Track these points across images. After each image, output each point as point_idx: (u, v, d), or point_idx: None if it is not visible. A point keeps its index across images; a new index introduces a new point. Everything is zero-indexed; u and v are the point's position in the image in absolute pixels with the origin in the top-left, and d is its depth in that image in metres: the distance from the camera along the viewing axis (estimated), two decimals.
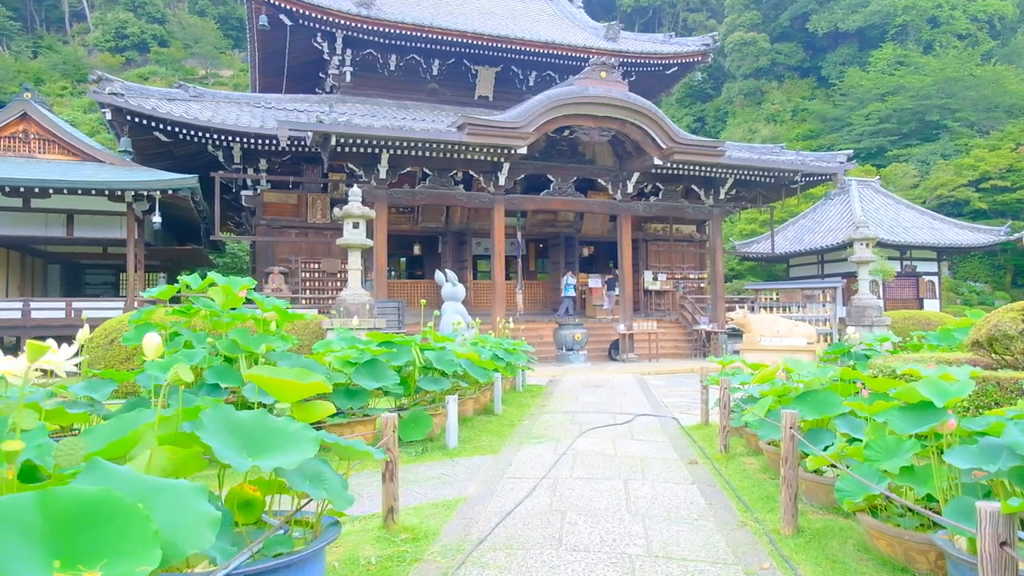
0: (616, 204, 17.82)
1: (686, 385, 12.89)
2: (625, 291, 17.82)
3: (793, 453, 3.99)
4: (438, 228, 20.44)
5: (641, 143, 16.15)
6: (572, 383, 12.78)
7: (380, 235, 15.65)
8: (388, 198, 15.69)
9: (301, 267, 18.85)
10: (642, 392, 11.46)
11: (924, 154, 38.18)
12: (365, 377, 5.99)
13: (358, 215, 11.41)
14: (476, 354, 7.24)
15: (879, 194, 28.15)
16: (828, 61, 49.86)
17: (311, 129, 13.39)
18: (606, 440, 6.95)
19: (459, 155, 15.28)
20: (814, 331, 13.93)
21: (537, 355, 17.23)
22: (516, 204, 16.92)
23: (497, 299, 16.51)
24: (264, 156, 17.96)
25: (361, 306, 11.39)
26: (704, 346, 18.59)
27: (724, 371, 7.73)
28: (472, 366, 7.21)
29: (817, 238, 26.62)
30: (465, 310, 11.84)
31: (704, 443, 6.80)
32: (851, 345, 9.46)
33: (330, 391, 3.14)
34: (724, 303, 18.83)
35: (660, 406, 9.80)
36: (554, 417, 8.53)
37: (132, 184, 13.67)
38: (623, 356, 17.23)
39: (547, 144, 17.03)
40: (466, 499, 4.80)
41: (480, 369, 7.34)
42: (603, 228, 21.87)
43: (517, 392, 10.75)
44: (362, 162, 15.46)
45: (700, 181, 18.40)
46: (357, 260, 11.67)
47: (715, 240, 18.82)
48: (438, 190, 16.10)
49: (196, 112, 15.82)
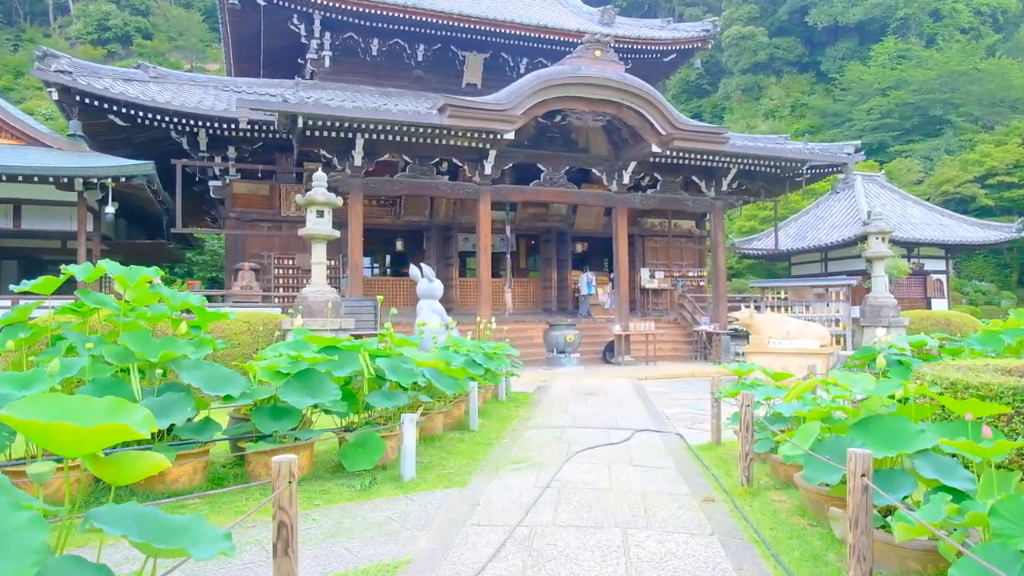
0: (611, 196, 16.62)
1: (688, 392, 11.70)
2: (621, 289, 16.63)
3: (866, 512, 2.78)
4: (422, 222, 19.19)
5: (639, 129, 14.95)
6: (562, 390, 11.57)
7: (355, 227, 14.43)
8: (364, 187, 14.45)
9: (274, 263, 17.59)
10: (640, 401, 10.25)
11: (927, 150, 37.14)
12: (297, 392, 4.76)
13: (322, 202, 10.17)
14: (443, 361, 6.01)
15: (885, 189, 27.03)
16: (828, 56, 48.80)
17: (275, 109, 12.14)
18: (599, 466, 5.74)
19: (441, 141, 14.06)
20: (827, 332, 12.76)
21: (526, 358, 16.02)
22: (504, 195, 15.71)
23: (482, 298, 15.29)
24: (232, 143, 16.69)
25: (325, 304, 10.16)
26: (705, 348, 17.41)
27: (740, 381, 6.52)
28: (439, 376, 5.99)
29: (821, 235, 25.46)
30: (443, 309, 10.61)
31: (718, 469, 5.60)
32: (879, 350, 8.25)
33: (143, 436, 1.94)
34: (726, 302, 17.66)
35: (661, 418, 8.59)
36: (539, 433, 7.31)
37: (79, 170, 12.38)
38: (618, 359, 16.04)
39: (537, 131, 15.84)
40: (411, 561, 3.58)
41: (449, 379, 6.11)
42: (597, 223, 20.68)
43: (499, 402, 9.53)
44: (335, 148, 14.22)
45: (701, 172, 17.21)
46: (321, 253, 10.43)
47: (717, 235, 17.64)
48: (419, 179, 14.87)
49: (154, 94, 14.54)
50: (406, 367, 5.39)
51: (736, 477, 5.26)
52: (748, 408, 4.98)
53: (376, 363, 5.26)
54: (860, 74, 42.23)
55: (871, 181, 27.08)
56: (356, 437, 5.07)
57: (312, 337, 5.38)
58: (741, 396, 4.98)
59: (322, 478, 5.10)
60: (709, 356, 17.17)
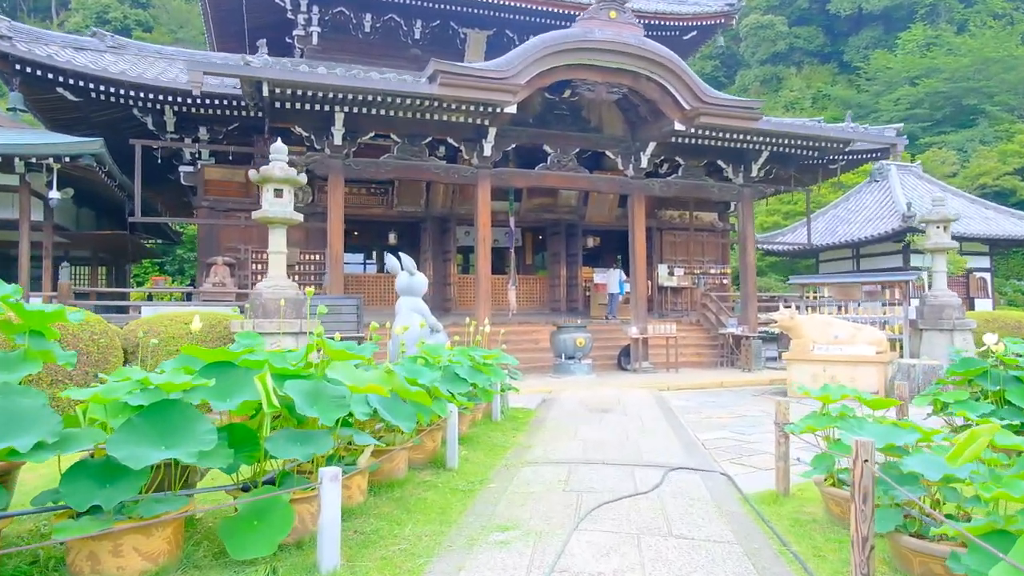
0: (627, 182, 14.74)
1: (719, 406, 9.83)
2: (638, 287, 14.77)
3: None
4: (417, 213, 17.40)
5: (659, 103, 13.08)
6: (571, 404, 9.73)
7: (336, 215, 12.68)
8: (346, 170, 12.68)
9: (251, 257, 15.86)
10: (665, 420, 8.40)
11: (960, 141, 34.99)
12: (144, 437, 2.96)
13: (280, 179, 8.39)
14: (397, 383, 4.18)
15: (922, 180, 24.99)
16: (851, 45, 46.60)
17: (233, 74, 10.39)
18: (624, 537, 3.90)
19: (433, 116, 12.27)
20: (883, 336, 10.85)
21: (531, 364, 14.20)
22: (506, 180, 13.88)
23: (480, 296, 13.48)
24: (204, 123, 14.97)
25: (289, 301, 8.38)
26: (732, 353, 15.50)
27: (823, 411, 4.65)
28: (392, 404, 4.17)
29: (853, 229, 23.47)
30: (427, 308, 8.80)
31: (803, 545, 3.75)
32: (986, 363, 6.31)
33: None
34: (756, 302, 15.74)
35: (696, 447, 6.74)
36: (538, 473, 5.48)
37: (10, 148, 10.67)
38: (635, 365, 14.18)
39: (543, 107, 14.00)
40: None
41: (407, 408, 4.29)
42: (611, 214, 18.79)
43: (492, 424, 7.70)
44: (312, 125, 12.46)
45: (728, 155, 15.31)
46: (280, 240, 8.65)
47: (746, 226, 15.72)
48: (408, 162, 13.07)
49: (108, 64, 12.83)
50: (333, 395, 3.57)
51: (830, 560, 3.42)
52: (867, 465, 3.11)
53: (285, 389, 3.45)
54: (887, 62, 40.07)
55: (907, 172, 25.06)
56: (249, 505, 3.26)
57: (192, 350, 3.57)
58: (857, 448, 3.10)
59: (199, 568, 3.29)
60: (737, 362, 15.27)
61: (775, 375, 13.81)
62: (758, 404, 10.21)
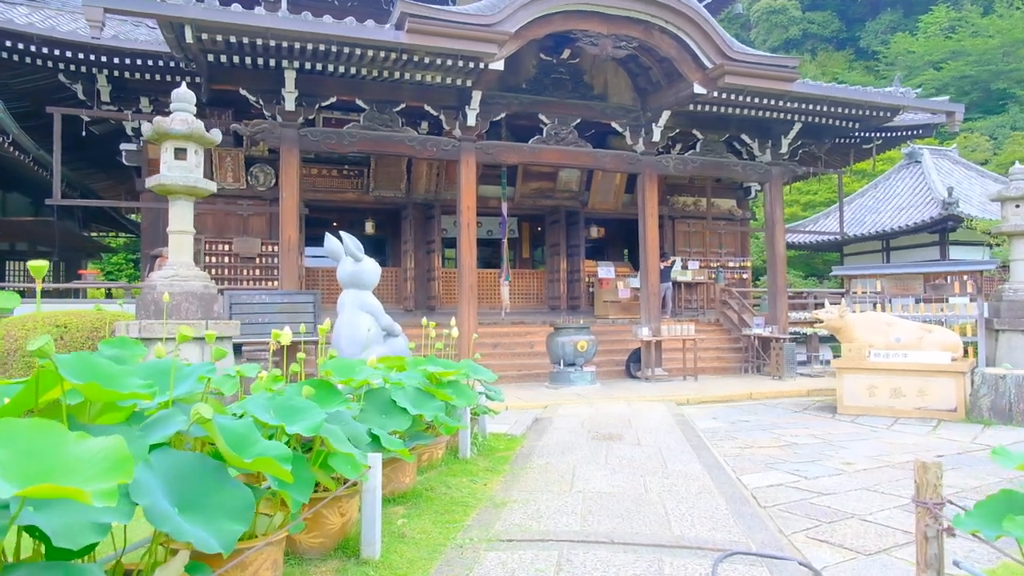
0: (637, 158, 12.64)
1: (759, 428, 7.71)
2: (650, 282, 12.66)
3: None
4: (397, 198, 15.32)
5: (676, 62, 10.98)
6: (569, 427, 7.63)
7: (288, 195, 10.61)
8: (300, 141, 10.60)
9: (204, 248, 13.80)
10: (694, 452, 6.30)
11: (990, 127, 32.79)
12: None
13: (182, 134, 6.32)
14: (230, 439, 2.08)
15: (958, 165, 22.81)
16: (868, 30, 44.38)
17: (144, 11, 8.30)
18: None
19: (404, 74, 10.19)
20: (959, 340, 8.73)
21: (525, 372, 12.12)
22: (494, 155, 11.78)
23: (464, 292, 11.40)
24: (145, 92, 12.90)
25: (189, 297, 6.33)
26: (758, 357, 13.37)
27: None
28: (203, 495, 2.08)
29: (884, 219, 21.32)
30: (378, 305, 6.69)
31: None
32: None
33: None
34: (787, 298, 13.62)
35: (745, 502, 4.64)
36: (508, 570, 3.39)
37: None
38: (646, 373, 12.07)
39: (539, 70, 11.92)
40: None
41: (234, 496, 2.20)
42: (617, 200, 16.70)
43: (458, 463, 5.59)
44: (258, 86, 10.41)
45: (754, 127, 13.21)
46: (183, 217, 6.61)
47: (774, 211, 13.58)
48: (376, 132, 10.98)
49: (17, 16, 10.78)
50: None
51: None
52: None
53: None
54: (908, 46, 37.83)
55: (941, 156, 22.88)
56: None
57: None
58: None
59: None
60: (764, 368, 13.16)
61: (811, 384, 11.70)
62: (805, 424, 8.10)
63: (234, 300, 9.20)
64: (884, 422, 8.24)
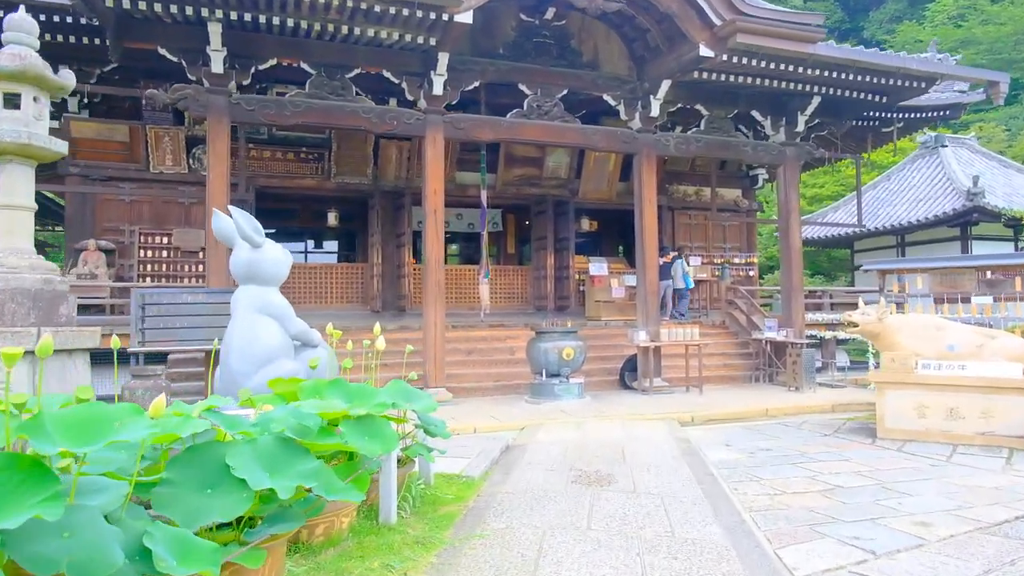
0: (633, 136, 10.98)
1: (787, 462, 6.03)
2: (647, 279, 11.01)
3: None
4: (363, 185, 13.63)
5: (679, 18, 9.32)
6: (545, 465, 5.95)
7: (217, 173, 8.90)
8: (231, 109, 8.91)
9: (139, 241, 12.11)
10: (708, 504, 4.63)
11: (1003, 118, 31.27)
12: None
13: (11, 72, 4.64)
14: None
15: (978, 155, 21.23)
16: (872, 20, 42.82)
17: None
18: None
19: (354, 29, 8.51)
20: None
21: (503, 383, 10.45)
22: (465, 130, 10.09)
23: (429, 289, 9.75)
24: (66, 60, 11.14)
25: (17, 295, 4.63)
26: (770, 364, 11.72)
27: None
28: None
29: (900, 212, 19.72)
30: (287, 307, 4.98)
31: None
32: None
33: None
34: (803, 296, 11.98)
35: None
36: None
37: None
38: (644, 384, 10.41)
39: (519, 32, 10.25)
40: None
41: None
42: (611, 189, 15.04)
43: (376, 531, 3.88)
44: (178, 44, 8.72)
45: (767, 102, 11.58)
46: (17, 187, 4.90)
47: (789, 198, 11.93)
48: (325, 101, 9.30)
49: None
50: None
51: None
52: None
53: None
54: (915, 34, 36.23)
55: (960, 145, 21.31)
56: None
57: None
58: None
59: None
60: (777, 376, 11.53)
61: (835, 396, 10.07)
62: (843, 454, 6.44)
63: (148, 300, 7.51)
64: (941, 451, 6.59)
